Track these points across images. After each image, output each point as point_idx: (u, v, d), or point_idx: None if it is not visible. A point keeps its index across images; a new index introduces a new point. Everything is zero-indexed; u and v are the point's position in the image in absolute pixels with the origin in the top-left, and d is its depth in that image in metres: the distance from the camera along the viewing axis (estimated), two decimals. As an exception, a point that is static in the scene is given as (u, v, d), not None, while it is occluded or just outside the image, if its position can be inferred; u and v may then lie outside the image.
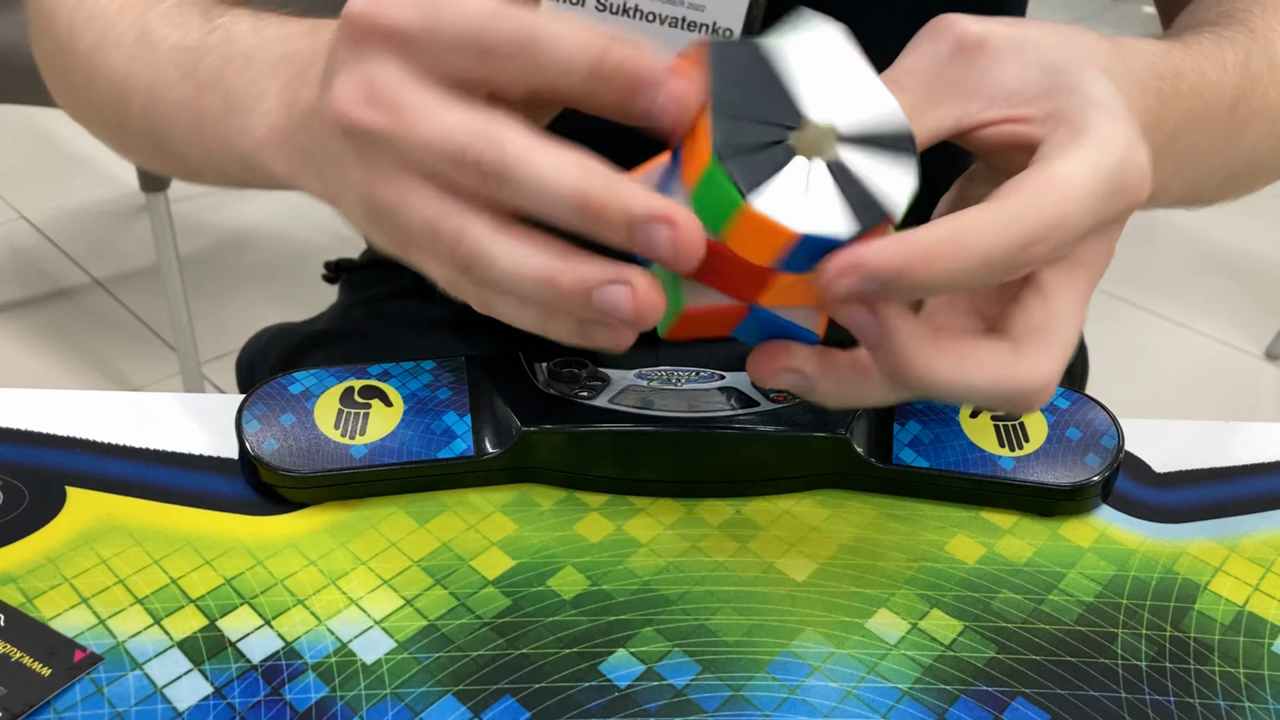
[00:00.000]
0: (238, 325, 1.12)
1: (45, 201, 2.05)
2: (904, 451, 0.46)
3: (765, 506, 0.46)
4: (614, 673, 0.39)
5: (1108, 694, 0.39)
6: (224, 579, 0.41)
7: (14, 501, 0.43)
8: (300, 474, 0.43)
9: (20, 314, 1.78)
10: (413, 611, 0.40)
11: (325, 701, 0.37)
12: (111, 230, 2.00)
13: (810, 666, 0.39)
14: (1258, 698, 0.39)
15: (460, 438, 0.45)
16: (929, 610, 0.42)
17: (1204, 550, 0.45)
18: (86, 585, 0.40)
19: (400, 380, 0.47)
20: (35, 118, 2.11)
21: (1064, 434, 0.46)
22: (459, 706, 0.37)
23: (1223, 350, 1.84)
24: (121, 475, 0.45)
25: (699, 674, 0.39)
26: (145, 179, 1.39)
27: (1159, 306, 1.92)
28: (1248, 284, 2.00)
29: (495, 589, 0.42)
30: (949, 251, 0.31)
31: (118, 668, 0.38)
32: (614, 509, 0.45)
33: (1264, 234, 2.09)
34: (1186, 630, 0.42)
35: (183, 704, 0.37)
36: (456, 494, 0.45)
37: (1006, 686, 0.39)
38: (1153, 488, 0.48)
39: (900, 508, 0.46)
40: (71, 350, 1.70)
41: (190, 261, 1.84)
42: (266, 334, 0.74)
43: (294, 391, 0.46)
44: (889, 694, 0.38)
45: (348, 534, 0.43)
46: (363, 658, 0.39)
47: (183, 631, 0.39)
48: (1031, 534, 0.45)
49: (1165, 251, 2.04)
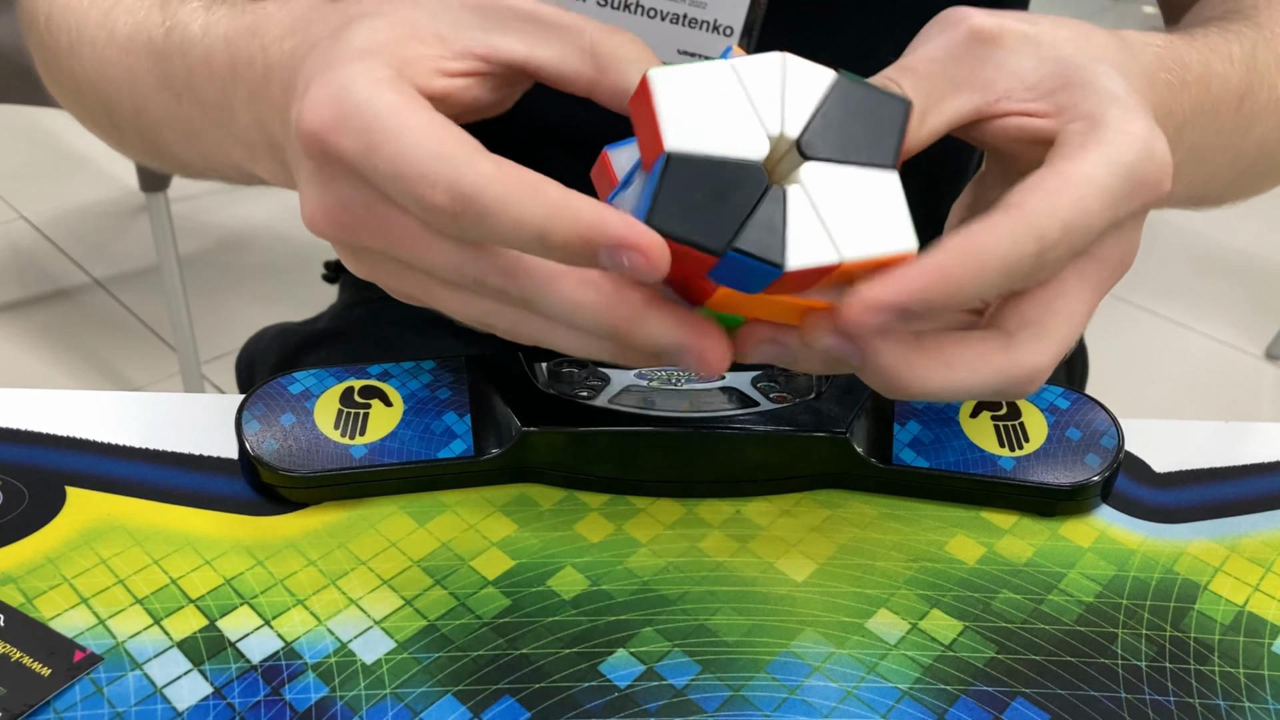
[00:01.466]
0: (238, 325, 1.12)
1: (45, 201, 2.05)
2: (904, 451, 0.46)
3: (765, 506, 0.46)
4: (614, 673, 0.39)
5: (1108, 694, 0.39)
6: (224, 579, 0.41)
7: (14, 501, 0.43)
8: (300, 474, 0.43)
9: (20, 314, 1.78)
10: (413, 611, 0.40)
11: (325, 702, 0.37)
12: (111, 230, 2.00)
13: (810, 666, 0.39)
14: (1258, 698, 0.39)
15: (460, 438, 0.45)
16: (929, 610, 0.42)
17: (1204, 550, 0.45)
18: (86, 585, 0.40)
19: (400, 380, 0.47)
20: (35, 118, 2.11)
21: (1064, 434, 0.46)
22: (459, 706, 0.37)
23: (1223, 350, 1.84)
24: (121, 475, 0.45)
25: (699, 674, 0.39)
26: (145, 179, 1.39)
27: (1159, 306, 1.92)
28: (1248, 284, 2.00)
29: (495, 589, 0.41)
30: (966, 271, 0.30)
31: (118, 668, 0.38)
32: (614, 509, 0.45)
33: (1264, 235, 2.09)
34: (1186, 630, 0.41)
35: (182, 704, 0.37)
36: (456, 494, 0.45)
37: (1006, 686, 0.39)
38: (1153, 488, 0.48)
39: (900, 508, 0.46)
40: (71, 350, 1.70)
41: (190, 261, 1.84)
42: (266, 334, 0.73)
43: (294, 391, 0.46)
44: (889, 694, 0.38)
45: (348, 534, 0.43)
46: (362, 658, 0.39)
47: (182, 632, 0.39)
48: (1031, 534, 0.45)
49: (1165, 251, 2.04)
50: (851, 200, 0.30)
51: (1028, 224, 0.31)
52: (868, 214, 0.31)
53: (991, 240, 0.31)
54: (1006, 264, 0.31)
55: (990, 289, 0.31)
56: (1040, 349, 0.34)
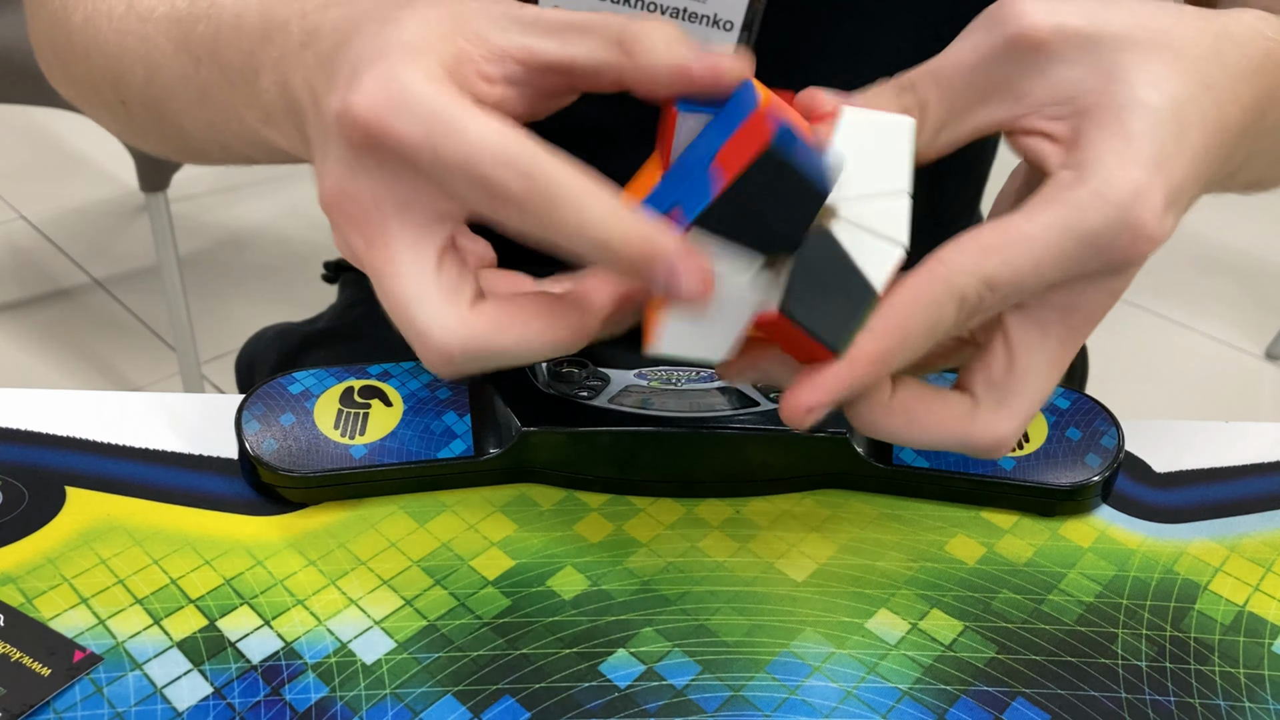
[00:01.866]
0: (238, 325, 1.12)
1: (45, 201, 2.05)
2: (904, 451, 0.46)
3: (765, 506, 0.46)
4: (614, 673, 0.39)
5: (1108, 694, 0.39)
6: (224, 579, 0.41)
7: (14, 501, 0.43)
8: (300, 474, 0.43)
9: (20, 314, 1.78)
10: (412, 611, 0.40)
11: (325, 702, 0.37)
12: (111, 230, 2.00)
13: (810, 667, 0.39)
14: (1258, 698, 0.39)
15: (460, 438, 0.45)
16: (929, 610, 0.42)
17: (1204, 550, 0.45)
18: (86, 585, 0.40)
19: (400, 380, 0.47)
20: (35, 118, 2.11)
21: (1064, 434, 0.46)
22: (459, 706, 0.37)
23: (1223, 350, 1.84)
24: (121, 475, 0.45)
25: (699, 674, 0.39)
26: (145, 179, 1.39)
27: (1159, 306, 1.92)
28: (1248, 284, 2.00)
29: (495, 589, 0.41)
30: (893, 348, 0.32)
31: (117, 668, 0.38)
32: (614, 509, 0.45)
33: (1265, 235, 2.09)
34: (1187, 630, 0.41)
35: (182, 704, 0.37)
36: (456, 494, 0.45)
37: (1006, 686, 0.39)
38: (1153, 488, 0.48)
39: (900, 508, 0.46)
40: (71, 350, 1.70)
41: (190, 261, 1.84)
42: (266, 334, 0.73)
43: (294, 391, 0.46)
44: (889, 694, 0.38)
45: (348, 534, 0.43)
46: (362, 658, 0.39)
47: (182, 632, 0.39)
48: (1032, 534, 0.45)
49: (1165, 251, 2.02)
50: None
51: (946, 285, 0.32)
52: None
53: (912, 313, 0.32)
54: (929, 327, 0.32)
55: (920, 351, 0.33)
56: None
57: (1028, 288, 0.32)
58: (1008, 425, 0.34)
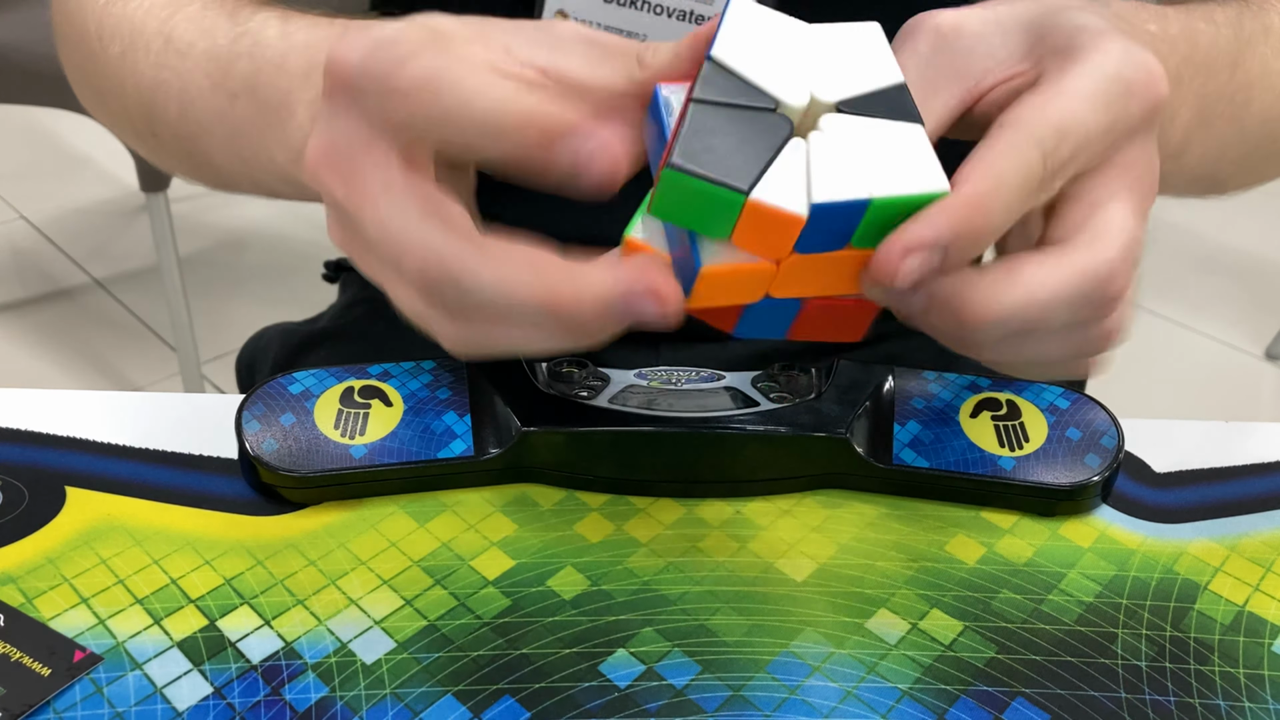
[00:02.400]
0: (238, 325, 1.12)
1: (45, 201, 2.05)
2: (904, 451, 0.46)
3: (765, 506, 0.46)
4: (614, 673, 0.39)
5: (1108, 694, 0.39)
6: (224, 579, 0.41)
7: (14, 501, 0.43)
8: (300, 474, 0.43)
9: (20, 314, 1.78)
10: (413, 611, 0.40)
11: (325, 702, 0.37)
12: (111, 230, 2.00)
13: (810, 666, 0.39)
14: (1258, 698, 0.39)
15: (460, 438, 0.45)
16: (929, 610, 0.42)
17: (1204, 550, 0.45)
18: (86, 585, 0.40)
19: (400, 380, 0.47)
20: (35, 118, 2.11)
21: (1064, 434, 0.46)
22: (459, 706, 0.37)
23: (1223, 350, 1.84)
24: (121, 475, 0.45)
25: (699, 674, 0.39)
26: (145, 179, 1.39)
27: (1159, 306, 1.92)
28: (1248, 284, 2.00)
29: (495, 589, 0.42)
30: (994, 197, 0.31)
31: (117, 668, 0.38)
32: (614, 509, 0.45)
33: (1264, 235, 2.09)
34: (1186, 630, 0.42)
35: (182, 704, 0.37)
36: (456, 494, 0.45)
37: (1006, 686, 0.39)
38: (1153, 488, 0.48)
39: (900, 508, 0.46)
40: (71, 350, 1.70)
41: (190, 261, 1.84)
42: (266, 334, 0.73)
43: (294, 391, 0.46)
44: (889, 694, 0.38)
45: (348, 534, 0.43)
46: (362, 658, 0.39)
47: (182, 632, 0.39)
48: (1031, 534, 0.45)
49: (1165, 251, 2.04)
50: (878, 145, 0.32)
51: (1027, 134, 0.32)
52: (896, 157, 0.32)
53: (1001, 158, 0.32)
54: (1021, 178, 0.32)
55: (1015, 210, 0.32)
56: (1103, 245, 0.33)
57: (1092, 136, 0.33)
58: (1111, 251, 0.33)
